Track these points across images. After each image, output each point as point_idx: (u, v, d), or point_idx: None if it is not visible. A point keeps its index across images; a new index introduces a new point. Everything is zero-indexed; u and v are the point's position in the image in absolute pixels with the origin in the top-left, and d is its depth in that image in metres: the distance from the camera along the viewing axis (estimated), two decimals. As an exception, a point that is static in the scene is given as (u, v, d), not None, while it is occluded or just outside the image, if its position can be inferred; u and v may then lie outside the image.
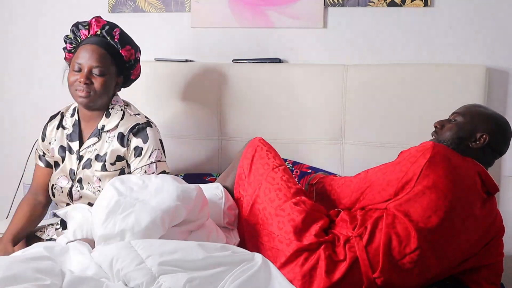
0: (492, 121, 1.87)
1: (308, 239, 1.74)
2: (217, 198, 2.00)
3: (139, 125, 2.02)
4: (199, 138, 2.56)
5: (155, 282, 1.52)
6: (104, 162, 1.99)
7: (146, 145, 2.00)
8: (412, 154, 1.79)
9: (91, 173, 2.00)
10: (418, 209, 1.71)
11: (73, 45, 2.07)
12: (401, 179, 1.76)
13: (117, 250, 1.59)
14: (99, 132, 2.02)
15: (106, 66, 1.99)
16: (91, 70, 1.96)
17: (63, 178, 2.04)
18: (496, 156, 1.89)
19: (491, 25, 2.32)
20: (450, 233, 1.70)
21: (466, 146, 1.85)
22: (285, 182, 1.91)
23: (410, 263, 1.69)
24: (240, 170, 2.03)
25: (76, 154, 2.03)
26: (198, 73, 2.53)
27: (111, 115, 2.04)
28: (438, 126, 1.92)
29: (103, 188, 1.90)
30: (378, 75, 2.35)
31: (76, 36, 2.06)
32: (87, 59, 1.97)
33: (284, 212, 1.81)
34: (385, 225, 1.71)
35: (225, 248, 1.75)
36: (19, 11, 2.84)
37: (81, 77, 1.95)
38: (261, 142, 2.05)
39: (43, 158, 2.14)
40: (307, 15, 2.48)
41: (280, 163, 1.99)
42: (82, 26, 2.05)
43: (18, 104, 2.91)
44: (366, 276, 1.69)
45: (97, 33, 2.03)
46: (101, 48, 2.00)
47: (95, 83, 1.96)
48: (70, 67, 2.02)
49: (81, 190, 2.00)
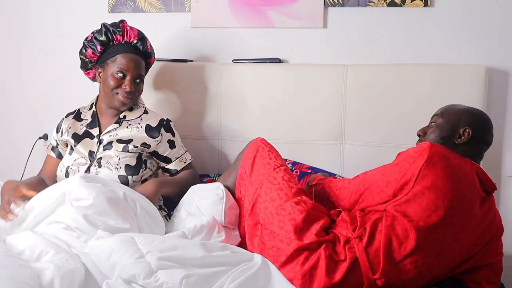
0: (470, 114, 1.90)
1: (308, 238, 1.74)
2: (218, 198, 2.02)
3: (164, 121, 2.27)
4: (199, 138, 2.57)
5: (153, 276, 1.53)
6: (127, 145, 2.18)
7: (175, 138, 2.28)
8: (410, 155, 1.79)
9: (112, 153, 2.17)
10: (417, 209, 1.70)
11: (104, 47, 2.22)
12: (400, 180, 1.76)
13: (119, 244, 1.60)
14: (120, 120, 2.24)
15: (143, 74, 2.26)
16: (134, 78, 2.19)
17: (81, 159, 2.20)
18: (484, 147, 1.90)
19: (491, 25, 2.32)
20: (450, 232, 1.70)
21: (452, 144, 1.86)
22: (286, 181, 1.92)
23: (410, 263, 1.69)
24: (242, 170, 2.05)
25: (97, 138, 2.22)
26: (198, 73, 2.54)
27: (133, 109, 2.27)
28: (421, 133, 1.95)
29: (120, 167, 2.14)
30: (378, 75, 2.35)
31: (109, 39, 2.22)
32: (133, 68, 2.18)
33: (285, 212, 1.82)
34: (384, 227, 1.71)
35: (225, 247, 1.76)
36: (19, 10, 2.85)
37: (127, 85, 2.17)
38: (263, 143, 2.06)
39: (56, 149, 2.32)
40: (307, 15, 2.48)
41: (281, 163, 2.00)
42: (116, 30, 2.22)
43: (18, 104, 2.91)
44: (366, 277, 1.69)
45: (132, 42, 2.23)
46: (141, 58, 2.24)
47: (136, 90, 2.20)
48: (109, 70, 2.18)
49: (99, 168, 2.16)
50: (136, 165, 2.17)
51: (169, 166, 2.27)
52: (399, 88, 2.33)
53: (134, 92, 2.19)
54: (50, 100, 2.84)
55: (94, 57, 2.25)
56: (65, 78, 2.78)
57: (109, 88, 2.18)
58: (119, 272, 1.56)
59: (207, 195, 2.05)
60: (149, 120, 2.26)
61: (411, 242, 1.68)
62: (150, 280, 1.52)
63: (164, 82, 2.59)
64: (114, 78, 2.17)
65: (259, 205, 1.91)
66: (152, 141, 2.21)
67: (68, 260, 1.61)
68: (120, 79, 2.17)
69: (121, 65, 2.17)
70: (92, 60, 2.26)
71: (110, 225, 1.78)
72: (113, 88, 2.17)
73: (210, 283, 1.56)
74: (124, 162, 2.16)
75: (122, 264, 1.56)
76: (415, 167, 1.74)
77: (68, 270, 1.56)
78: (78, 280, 1.57)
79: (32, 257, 1.64)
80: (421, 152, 1.76)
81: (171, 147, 2.26)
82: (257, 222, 1.89)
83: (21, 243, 1.70)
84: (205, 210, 2.01)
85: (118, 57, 2.19)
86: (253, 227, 1.90)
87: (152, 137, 2.22)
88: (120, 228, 1.78)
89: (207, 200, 2.03)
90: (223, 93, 2.51)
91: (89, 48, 2.24)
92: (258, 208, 1.91)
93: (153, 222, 1.94)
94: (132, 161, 2.17)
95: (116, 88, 2.17)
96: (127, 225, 1.81)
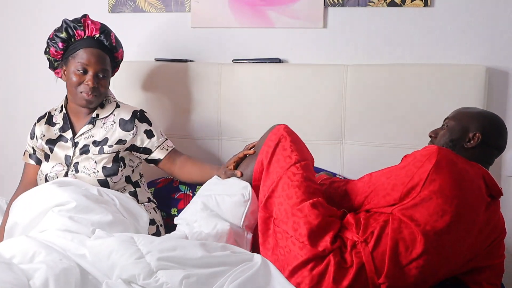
0: (481, 118, 1.87)
1: (322, 246, 1.71)
2: (242, 200, 1.94)
3: (138, 112, 2.20)
4: (199, 138, 2.57)
5: (153, 276, 1.54)
6: (102, 146, 2.13)
7: (152, 127, 2.21)
8: (417, 158, 1.76)
9: (89, 157, 2.13)
10: (424, 213, 1.69)
11: (65, 44, 2.15)
12: (407, 184, 1.74)
13: (118, 244, 1.61)
14: (93, 120, 2.16)
15: (108, 69, 2.16)
16: (97, 73, 2.10)
17: (58, 165, 2.16)
18: (495, 152, 1.88)
19: (491, 25, 2.32)
20: (455, 237, 1.69)
21: (461, 147, 1.85)
22: (305, 179, 1.86)
23: (416, 268, 1.68)
24: (260, 157, 1.96)
25: (71, 141, 2.16)
26: (198, 73, 2.53)
27: (105, 105, 2.20)
28: (433, 135, 1.94)
29: (98, 170, 2.10)
30: (378, 75, 2.35)
31: (70, 35, 2.14)
32: (94, 62, 2.10)
33: (301, 213, 1.77)
34: (391, 230, 1.69)
35: (224, 248, 1.76)
36: (18, 10, 2.85)
37: (89, 81, 2.08)
38: (286, 131, 1.96)
39: (33, 156, 2.26)
40: (307, 15, 2.48)
41: (302, 157, 1.91)
42: (77, 26, 2.14)
43: (18, 104, 2.91)
44: (371, 282, 1.68)
45: (94, 36, 2.14)
46: (104, 52, 2.14)
47: (100, 85, 2.12)
48: (71, 67, 2.11)
49: (76, 174, 2.12)
50: (113, 166, 2.13)
51: (152, 156, 2.21)
52: (399, 88, 2.32)
53: (98, 87, 2.10)
54: (50, 100, 2.82)
55: (57, 55, 2.17)
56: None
57: (72, 86, 2.11)
58: (119, 273, 1.56)
59: (231, 191, 1.96)
60: (121, 113, 2.19)
61: (418, 246, 1.67)
62: (150, 280, 1.53)
63: (164, 82, 2.58)
64: (76, 75, 2.09)
65: (274, 199, 1.86)
66: (127, 135, 2.16)
67: (61, 260, 1.61)
68: (81, 75, 2.09)
69: (81, 60, 2.09)
70: (56, 58, 2.19)
71: (96, 220, 1.84)
72: (76, 85, 2.10)
73: (210, 283, 1.56)
74: (100, 165, 2.11)
75: (122, 264, 1.56)
76: (423, 172, 1.72)
77: (62, 269, 1.55)
78: (74, 279, 1.57)
79: (25, 259, 1.64)
80: (428, 156, 1.74)
81: (149, 136, 2.19)
82: (270, 215, 1.85)
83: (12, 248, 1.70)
84: (225, 208, 1.93)
85: (79, 52, 2.11)
86: (266, 220, 1.85)
87: (127, 130, 2.16)
88: (105, 221, 1.84)
89: (230, 197, 1.95)
90: (223, 93, 2.51)
91: (52, 46, 2.16)
92: (272, 202, 1.86)
93: (134, 213, 1.99)
94: (109, 162, 2.12)
95: (79, 85, 2.09)
96: (109, 217, 1.86)
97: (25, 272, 1.56)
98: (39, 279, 1.51)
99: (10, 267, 1.56)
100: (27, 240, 1.73)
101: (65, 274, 1.55)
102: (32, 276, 1.53)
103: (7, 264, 1.58)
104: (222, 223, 1.90)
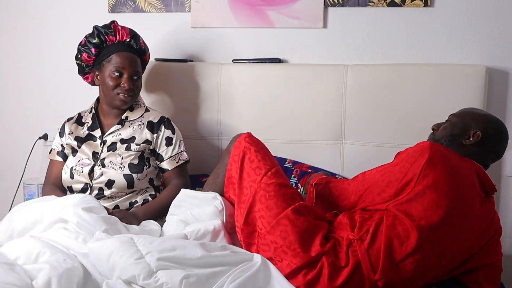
0: (485, 120, 1.90)
1: (314, 251, 1.72)
2: (217, 211, 1.95)
3: (165, 118, 2.31)
4: (199, 138, 2.57)
5: (153, 277, 1.54)
6: (129, 144, 2.23)
7: (174, 136, 2.30)
8: (410, 154, 1.78)
9: (116, 153, 2.21)
10: (419, 208, 1.70)
11: (98, 49, 2.26)
12: (401, 180, 1.76)
13: (118, 245, 1.61)
14: (122, 121, 2.28)
15: (140, 70, 2.31)
16: (131, 75, 2.23)
17: (85, 159, 2.24)
18: (492, 156, 1.90)
19: (491, 25, 2.32)
20: (450, 232, 1.70)
21: (459, 143, 1.87)
22: (280, 187, 1.86)
23: (411, 263, 1.68)
24: (229, 174, 1.96)
25: (99, 139, 2.26)
26: (198, 73, 2.54)
27: (134, 109, 2.31)
28: (436, 128, 1.97)
29: (124, 166, 2.18)
30: (378, 75, 2.35)
31: (102, 41, 2.25)
32: (128, 65, 2.22)
33: (287, 221, 1.77)
34: (385, 227, 1.71)
35: (224, 248, 1.76)
36: (19, 10, 2.85)
37: (125, 83, 2.21)
38: (247, 142, 1.95)
39: (61, 152, 2.34)
40: (307, 15, 2.48)
41: (271, 164, 1.91)
42: (108, 31, 2.25)
43: (18, 104, 2.91)
44: (368, 279, 1.68)
45: (125, 40, 2.27)
46: (136, 55, 2.28)
47: (135, 86, 2.25)
48: (105, 71, 2.23)
49: (102, 168, 2.19)
50: (139, 163, 2.20)
51: (162, 164, 2.28)
52: (399, 88, 2.32)
53: (133, 89, 2.23)
54: (50, 100, 2.84)
55: (90, 60, 2.29)
56: (65, 77, 2.78)
57: (108, 89, 2.22)
58: (119, 273, 1.56)
59: (203, 203, 1.97)
60: (150, 117, 2.30)
61: (412, 241, 1.68)
62: (150, 280, 1.53)
63: (164, 82, 2.59)
64: (112, 78, 2.21)
65: (254, 213, 1.85)
66: (154, 137, 2.26)
67: (65, 260, 1.61)
68: (117, 78, 2.21)
69: (116, 64, 2.21)
70: (88, 63, 2.30)
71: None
72: (112, 88, 2.21)
73: (210, 283, 1.56)
74: (127, 161, 2.19)
75: (122, 265, 1.56)
76: (416, 167, 1.74)
77: (65, 269, 1.55)
78: (77, 279, 1.57)
79: (29, 260, 1.65)
80: (421, 151, 1.76)
81: (168, 144, 2.28)
82: (254, 230, 1.84)
83: (17, 248, 1.71)
84: (205, 219, 1.94)
85: (113, 57, 2.23)
86: (250, 236, 1.85)
87: (153, 132, 2.27)
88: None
89: (203, 209, 1.96)
90: (223, 93, 2.51)
91: (84, 52, 2.28)
92: (253, 217, 1.85)
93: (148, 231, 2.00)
94: (135, 160, 2.20)
95: (116, 88, 2.21)
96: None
97: (28, 272, 1.56)
98: (42, 279, 1.51)
99: (13, 268, 1.56)
100: (31, 240, 1.73)
101: (68, 274, 1.55)
102: (36, 276, 1.54)
103: (9, 265, 1.58)
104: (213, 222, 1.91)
